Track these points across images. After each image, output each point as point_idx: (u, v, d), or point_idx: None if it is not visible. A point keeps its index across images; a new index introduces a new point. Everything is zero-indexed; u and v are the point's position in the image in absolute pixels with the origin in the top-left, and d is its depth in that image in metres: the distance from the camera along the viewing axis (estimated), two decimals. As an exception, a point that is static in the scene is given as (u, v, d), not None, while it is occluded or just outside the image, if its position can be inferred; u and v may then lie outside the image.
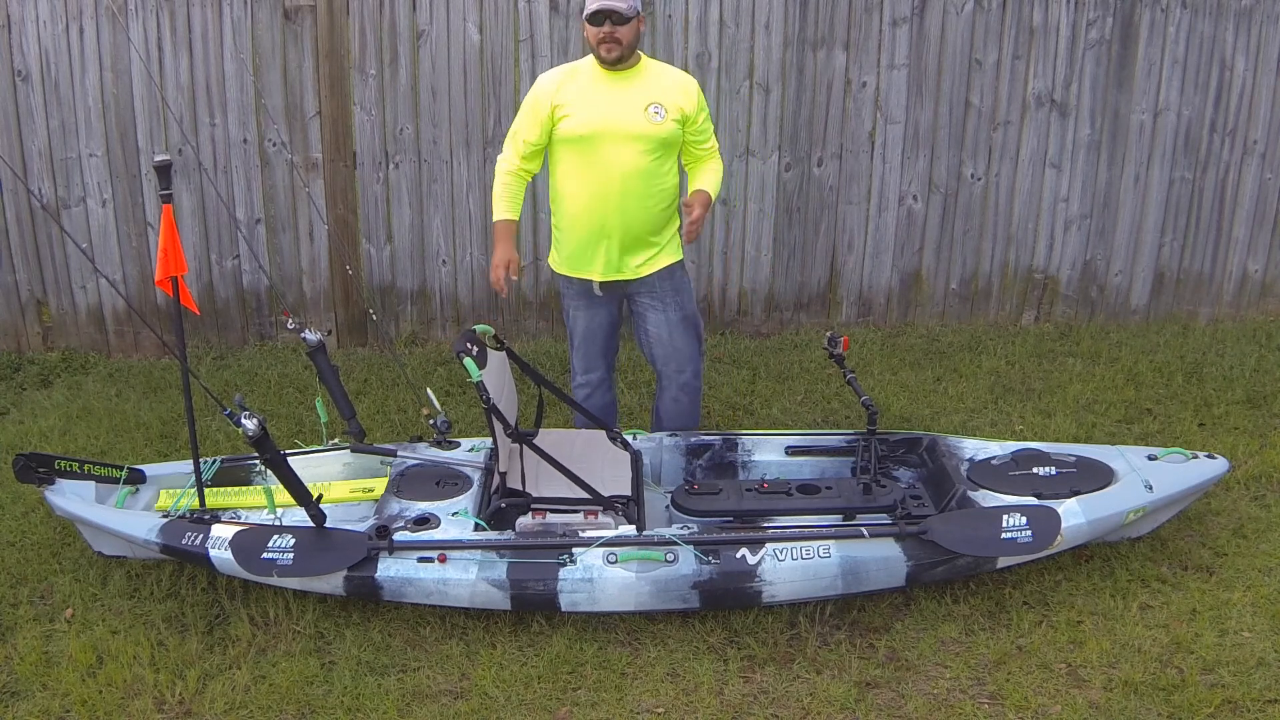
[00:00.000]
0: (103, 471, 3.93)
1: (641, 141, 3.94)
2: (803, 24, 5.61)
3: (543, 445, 3.75)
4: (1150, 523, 3.94)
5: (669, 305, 4.19)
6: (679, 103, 4.00)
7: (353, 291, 5.82)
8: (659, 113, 3.96)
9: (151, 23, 5.35)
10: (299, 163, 5.58)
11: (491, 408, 3.61)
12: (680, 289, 4.22)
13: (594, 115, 3.93)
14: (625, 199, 3.98)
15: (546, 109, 3.97)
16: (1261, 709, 3.27)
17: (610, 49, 3.88)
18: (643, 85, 3.98)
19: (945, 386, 5.41)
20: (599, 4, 3.82)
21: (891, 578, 3.60)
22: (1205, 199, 6.01)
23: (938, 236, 6.00)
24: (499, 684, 3.41)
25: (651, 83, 4.00)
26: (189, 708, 3.33)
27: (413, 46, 5.50)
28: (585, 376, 4.35)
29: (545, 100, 3.97)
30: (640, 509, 3.75)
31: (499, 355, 3.95)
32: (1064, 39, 5.71)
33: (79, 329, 5.78)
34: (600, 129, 3.93)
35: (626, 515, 3.71)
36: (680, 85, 4.05)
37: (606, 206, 3.99)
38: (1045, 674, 3.44)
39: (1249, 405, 5.16)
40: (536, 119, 4.00)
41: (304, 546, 3.55)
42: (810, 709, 3.32)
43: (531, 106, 4.01)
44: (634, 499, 3.77)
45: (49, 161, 5.48)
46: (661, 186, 4.03)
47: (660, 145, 3.97)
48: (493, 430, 3.69)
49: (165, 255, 3.52)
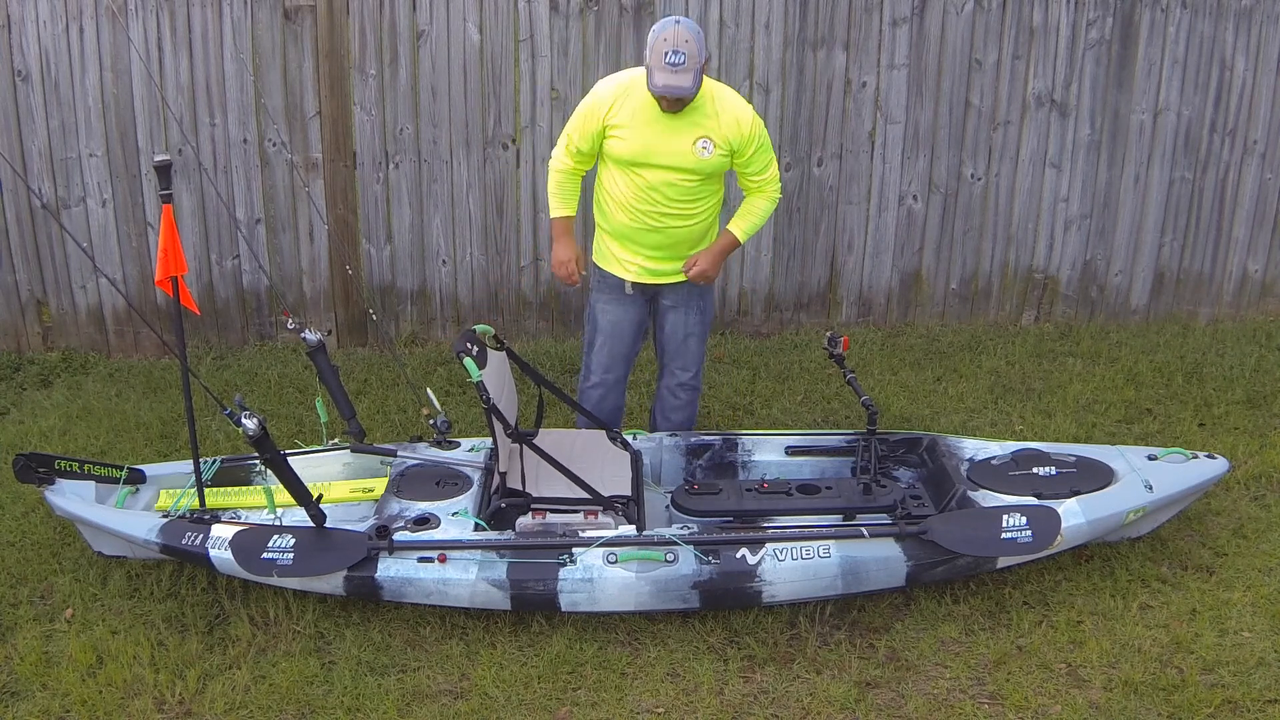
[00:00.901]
0: (103, 471, 3.93)
1: (686, 173, 3.97)
2: (803, 24, 5.61)
3: (542, 445, 3.75)
4: (1150, 523, 3.94)
5: (691, 310, 4.27)
6: (729, 136, 3.95)
7: (353, 291, 5.82)
8: (707, 148, 3.94)
9: (151, 23, 5.35)
10: (299, 163, 5.58)
11: (491, 407, 3.61)
12: (705, 295, 4.30)
13: (642, 143, 3.93)
14: (665, 219, 4.04)
15: (598, 124, 3.97)
16: (1261, 709, 3.28)
17: (673, 106, 3.86)
18: (697, 118, 3.93)
19: (945, 386, 5.41)
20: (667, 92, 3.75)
21: (891, 578, 3.60)
22: (1205, 199, 6.01)
23: (938, 236, 6.00)
24: (499, 684, 3.41)
25: (706, 114, 3.93)
26: (189, 708, 3.33)
27: (413, 46, 5.50)
28: (603, 376, 4.35)
29: (598, 114, 3.96)
30: (640, 509, 3.75)
31: (499, 355, 3.95)
32: (1064, 39, 5.71)
33: (79, 329, 5.78)
34: (646, 157, 3.95)
35: (626, 515, 3.71)
36: (734, 118, 3.96)
37: (645, 223, 4.05)
38: (1045, 674, 3.44)
39: (1249, 405, 5.16)
40: (588, 131, 4.00)
41: (304, 546, 3.55)
42: (810, 709, 3.32)
43: (585, 117, 4.00)
44: (634, 499, 3.77)
45: (49, 161, 5.48)
46: (702, 208, 4.08)
47: (705, 176, 4.00)
48: (493, 430, 3.70)
49: (165, 255, 3.52)
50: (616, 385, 4.39)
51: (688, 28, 3.75)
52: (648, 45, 3.79)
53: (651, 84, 3.78)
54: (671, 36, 3.72)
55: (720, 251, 4.15)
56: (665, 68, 3.72)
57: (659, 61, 3.73)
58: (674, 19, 3.80)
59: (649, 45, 3.78)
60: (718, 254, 4.15)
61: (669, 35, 3.73)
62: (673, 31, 3.73)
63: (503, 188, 5.72)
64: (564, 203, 4.17)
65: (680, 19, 3.79)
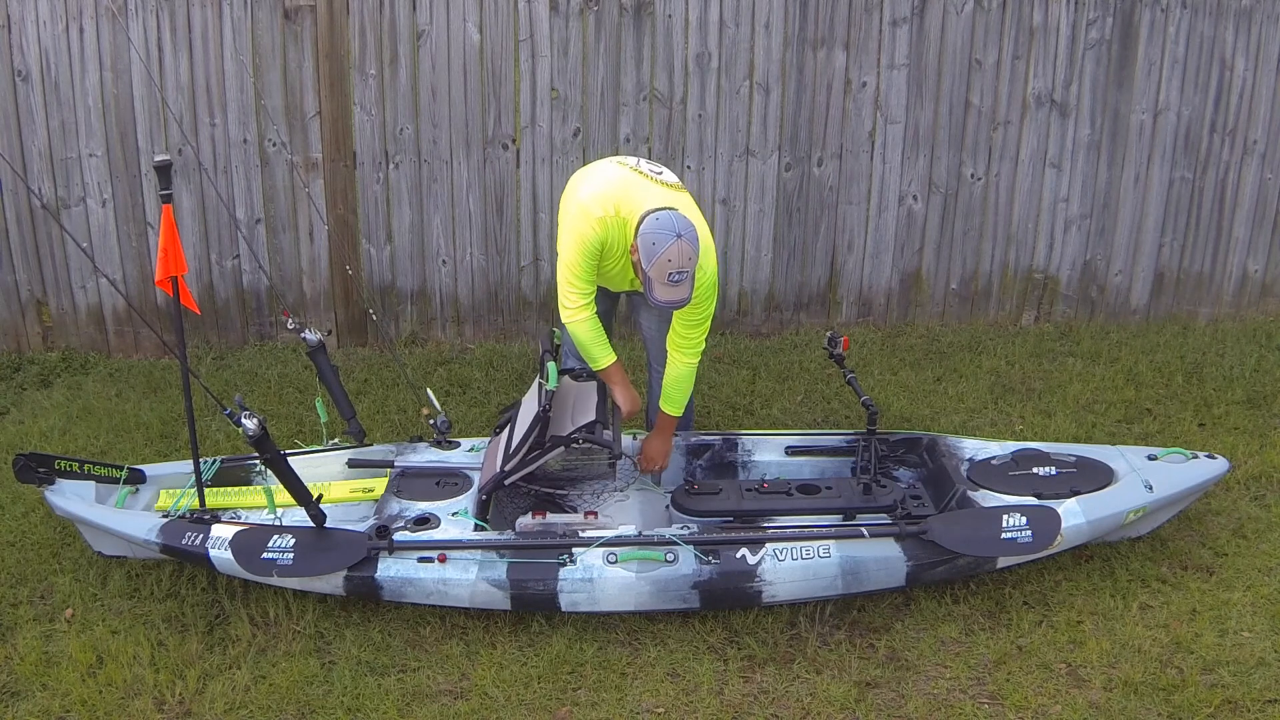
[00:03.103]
0: (103, 471, 3.93)
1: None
2: (803, 24, 5.61)
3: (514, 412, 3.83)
4: (1150, 523, 3.94)
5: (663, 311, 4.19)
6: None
7: (353, 291, 5.82)
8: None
9: (151, 23, 5.35)
10: (299, 163, 5.58)
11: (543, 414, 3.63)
12: None
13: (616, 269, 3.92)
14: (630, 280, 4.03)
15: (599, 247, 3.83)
16: (1261, 709, 3.28)
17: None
18: None
19: (945, 386, 5.41)
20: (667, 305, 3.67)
21: (891, 578, 3.60)
22: (1205, 199, 6.00)
23: (938, 236, 5.99)
24: (499, 684, 3.41)
25: None
26: (189, 708, 3.33)
27: (413, 46, 5.50)
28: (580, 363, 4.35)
29: (597, 248, 3.82)
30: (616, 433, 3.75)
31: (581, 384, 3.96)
32: (1064, 39, 5.71)
33: (79, 329, 5.78)
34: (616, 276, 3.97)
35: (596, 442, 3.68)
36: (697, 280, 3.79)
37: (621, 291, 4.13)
38: (1045, 674, 3.44)
39: (1249, 405, 5.16)
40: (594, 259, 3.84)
41: (304, 546, 3.55)
42: (810, 709, 3.32)
43: (587, 256, 3.81)
44: (600, 420, 3.74)
45: (49, 161, 5.48)
46: None
47: None
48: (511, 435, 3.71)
49: (165, 255, 3.52)
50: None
51: (689, 241, 3.58)
52: (644, 253, 3.59)
53: (652, 298, 3.65)
54: (676, 257, 3.56)
55: (667, 434, 4.06)
56: (667, 284, 3.60)
57: (661, 277, 3.58)
58: (676, 233, 3.57)
59: (647, 252, 3.58)
60: (666, 439, 4.06)
61: (673, 256, 3.55)
62: (677, 251, 3.55)
63: (503, 188, 5.72)
64: (604, 348, 3.97)
65: (683, 233, 3.58)
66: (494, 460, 3.89)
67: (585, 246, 3.80)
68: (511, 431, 3.93)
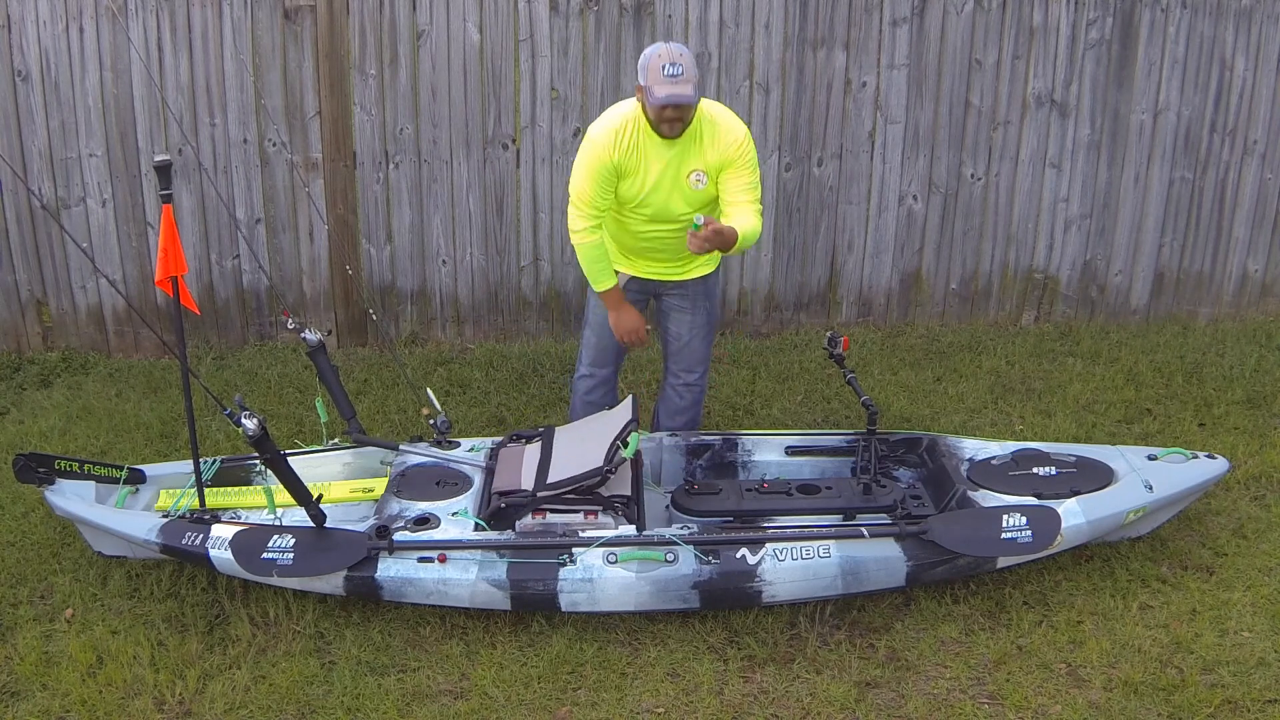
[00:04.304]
0: (103, 471, 3.93)
1: (681, 207, 3.95)
2: (803, 24, 5.61)
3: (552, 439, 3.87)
4: (1150, 523, 3.94)
5: (698, 309, 4.26)
6: (716, 161, 3.91)
7: (353, 291, 5.82)
8: (700, 180, 3.93)
9: (151, 23, 5.35)
10: (299, 163, 5.58)
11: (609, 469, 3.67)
12: (711, 294, 4.30)
13: (640, 184, 3.92)
14: (663, 239, 4.06)
15: (610, 170, 3.89)
16: (1261, 709, 3.28)
17: (674, 127, 3.82)
18: (690, 148, 3.89)
19: (945, 386, 5.41)
20: (671, 100, 3.71)
21: (891, 578, 3.60)
22: (1205, 199, 6.01)
23: (938, 236, 5.99)
24: (499, 684, 3.41)
25: (698, 142, 3.89)
26: (189, 708, 3.33)
27: (413, 46, 5.50)
28: (591, 369, 4.39)
29: (607, 162, 3.88)
30: (640, 509, 3.75)
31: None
32: (1064, 39, 5.71)
33: (79, 329, 5.78)
34: (644, 197, 3.95)
35: (626, 515, 3.71)
36: (722, 142, 3.89)
37: (643, 242, 4.08)
38: (1045, 674, 3.44)
39: (1249, 405, 5.16)
40: (602, 180, 3.90)
41: (304, 546, 3.55)
42: (810, 709, 3.32)
43: (593, 170, 3.89)
44: (633, 499, 3.77)
45: (49, 161, 5.48)
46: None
47: (699, 206, 3.98)
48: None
49: (165, 255, 3.52)
50: (606, 381, 4.40)
51: (674, 47, 3.74)
52: (640, 70, 3.76)
53: (652, 99, 3.73)
54: (665, 52, 3.72)
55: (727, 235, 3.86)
56: (665, 80, 3.68)
57: (657, 77, 3.69)
58: (659, 43, 3.79)
59: (643, 69, 3.74)
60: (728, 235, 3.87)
61: (662, 52, 3.72)
62: (665, 49, 3.73)
63: (503, 188, 5.72)
64: (605, 273, 4.05)
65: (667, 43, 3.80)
66: (517, 471, 3.87)
67: (591, 170, 3.91)
68: (547, 454, 3.92)
